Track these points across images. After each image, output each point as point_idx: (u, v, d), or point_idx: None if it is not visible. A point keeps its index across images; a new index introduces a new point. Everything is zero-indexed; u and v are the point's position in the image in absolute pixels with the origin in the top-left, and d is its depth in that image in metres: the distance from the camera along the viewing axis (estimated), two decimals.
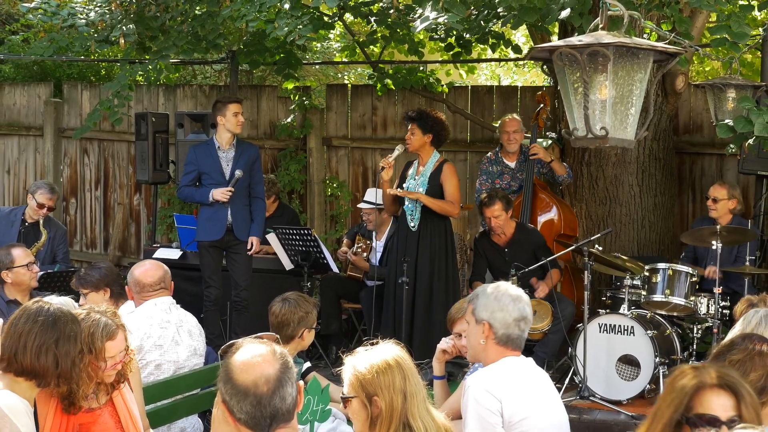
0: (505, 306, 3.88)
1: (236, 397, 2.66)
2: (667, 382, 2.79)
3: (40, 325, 3.44)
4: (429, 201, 7.09)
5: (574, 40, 3.87)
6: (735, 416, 2.64)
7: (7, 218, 7.87)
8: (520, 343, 3.92)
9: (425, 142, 7.19)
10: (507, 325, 3.86)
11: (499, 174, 7.99)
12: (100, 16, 7.94)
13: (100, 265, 5.67)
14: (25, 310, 3.50)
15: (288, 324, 4.87)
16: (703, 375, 2.70)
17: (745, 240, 6.85)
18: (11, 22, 12.88)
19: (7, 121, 11.58)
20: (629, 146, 4.16)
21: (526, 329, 3.92)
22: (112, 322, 3.82)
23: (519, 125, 7.93)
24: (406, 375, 3.17)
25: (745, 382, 2.74)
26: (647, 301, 6.89)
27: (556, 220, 7.82)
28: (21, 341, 3.40)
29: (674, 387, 2.71)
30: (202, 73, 13.15)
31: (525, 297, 3.97)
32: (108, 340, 3.76)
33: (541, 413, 3.83)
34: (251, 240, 7.39)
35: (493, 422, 3.73)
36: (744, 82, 6.48)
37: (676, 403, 2.67)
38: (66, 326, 3.49)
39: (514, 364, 3.89)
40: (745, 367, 3.07)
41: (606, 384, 6.61)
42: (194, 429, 5.21)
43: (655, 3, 6.17)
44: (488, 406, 3.72)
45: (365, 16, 8.51)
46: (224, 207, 7.34)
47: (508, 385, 3.79)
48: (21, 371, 3.41)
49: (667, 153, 8.28)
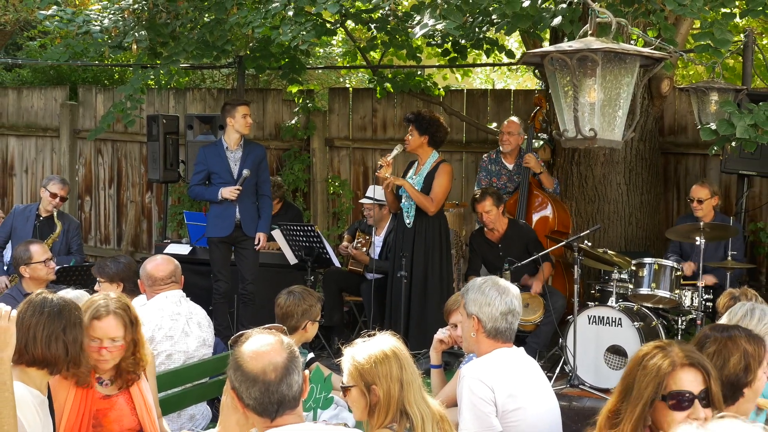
0: (491, 300, 3.88)
1: (245, 384, 2.67)
2: (635, 362, 2.84)
3: (47, 315, 3.45)
4: (410, 190, 7.11)
5: (564, 45, 3.88)
6: (704, 389, 2.76)
7: (23, 214, 7.91)
8: (510, 334, 3.92)
9: (422, 142, 7.20)
10: (494, 319, 3.87)
11: (497, 173, 8.02)
12: (114, 23, 7.93)
13: (120, 260, 5.70)
14: (30, 303, 3.51)
15: (292, 315, 4.87)
16: (672, 355, 2.79)
17: (727, 236, 6.86)
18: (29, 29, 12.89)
19: (25, 123, 11.59)
20: (617, 147, 4.16)
21: (515, 321, 3.92)
22: (107, 305, 3.82)
23: (517, 128, 7.94)
24: (402, 364, 3.18)
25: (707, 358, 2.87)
26: (634, 294, 6.89)
27: (551, 217, 7.83)
28: (30, 333, 3.41)
29: (648, 368, 2.78)
30: (211, 77, 13.15)
31: (513, 290, 3.96)
32: (94, 319, 3.76)
33: (532, 402, 3.84)
34: (258, 236, 7.40)
35: (487, 411, 3.74)
36: (726, 85, 6.48)
37: (654, 384, 2.75)
38: (71, 314, 3.51)
39: (506, 355, 3.89)
40: (722, 355, 3.08)
41: (595, 373, 6.62)
42: (203, 416, 5.22)
43: (641, 11, 6.17)
44: (482, 396, 3.73)
45: (366, 23, 8.51)
46: (233, 205, 7.34)
47: (500, 375, 3.79)
48: (32, 361, 3.42)
49: (653, 153, 8.29)
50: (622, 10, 5.97)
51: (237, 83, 10.03)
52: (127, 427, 3.88)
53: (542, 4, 6.50)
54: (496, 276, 4.12)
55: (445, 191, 7.18)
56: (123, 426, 3.86)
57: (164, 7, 7.83)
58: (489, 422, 3.75)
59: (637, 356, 2.88)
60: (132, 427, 3.89)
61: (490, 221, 7.30)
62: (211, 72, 12.78)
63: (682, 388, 2.76)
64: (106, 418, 3.81)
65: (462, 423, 3.81)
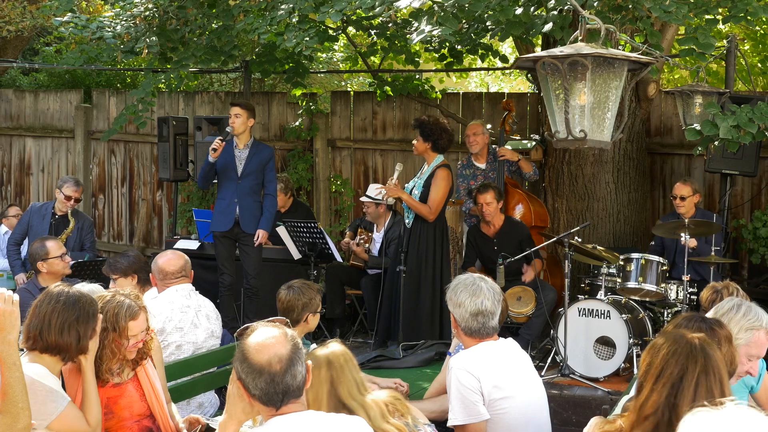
0: (462, 302, 3.86)
1: (251, 375, 2.66)
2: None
3: (62, 305, 3.49)
4: (408, 200, 7.14)
5: (555, 50, 3.87)
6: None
7: (39, 212, 7.90)
8: (487, 331, 3.88)
9: (426, 147, 7.24)
10: (465, 320, 3.86)
11: (473, 176, 8.00)
12: (126, 29, 7.92)
13: (129, 254, 5.68)
14: (48, 294, 3.56)
15: (293, 309, 4.86)
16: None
17: (710, 232, 6.85)
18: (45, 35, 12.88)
19: (42, 125, 11.58)
20: (606, 147, 4.15)
21: (487, 321, 3.86)
22: (135, 304, 3.84)
23: (480, 129, 7.97)
24: (334, 366, 3.31)
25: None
26: (622, 288, 6.90)
27: (526, 213, 7.83)
28: (45, 320, 3.45)
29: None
30: (219, 80, 13.14)
31: (487, 290, 3.89)
32: (131, 320, 3.78)
33: (519, 390, 3.82)
34: (258, 232, 7.37)
35: (474, 400, 3.74)
36: (710, 89, 6.48)
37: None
38: (85, 306, 3.54)
39: (491, 347, 3.88)
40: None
41: (585, 363, 6.62)
42: (211, 404, 5.22)
43: (629, 17, 6.16)
44: (468, 385, 3.72)
45: (366, 29, 8.52)
46: (234, 202, 7.35)
47: (486, 365, 3.78)
48: (46, 348, 3.46)
49: (640, 153, 8.28)
50: (611, 17, 5.97)
51: (243, 87, 10.02)
52: (137, 413, 3.88)
53: (534, 12, 6.49)
54: (475, 274, 4.07)
55: (441, 198, 7.16)
56: (133, 412, 3.86)
57: (174, 14, 7.83)
58: (476, 410, 3.75)
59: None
60: (142, 412, 3.89)
61: (489, 213, 7.31)
62: (219, 76, 12.77)
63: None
64: (116, 405, 3.82)
65: (451, 411, 3.82)
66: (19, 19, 10.45)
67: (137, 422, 3.88)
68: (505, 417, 3.77)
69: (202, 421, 4.21)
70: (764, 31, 9.89)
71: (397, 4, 6.28)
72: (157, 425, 3.93)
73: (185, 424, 4.12)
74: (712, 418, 1.91)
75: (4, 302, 3.06)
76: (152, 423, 3.92)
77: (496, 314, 3.90)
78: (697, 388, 2.54)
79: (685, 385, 2.56)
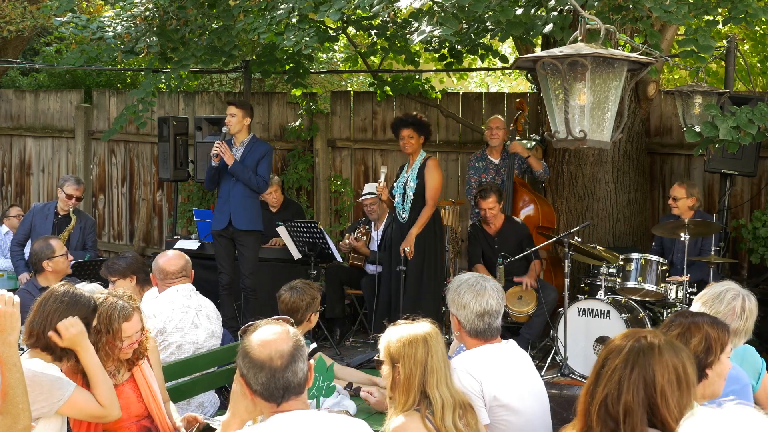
0: (466, 303, 3.76)
1: (253, 370, 2.69)
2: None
3: (66, 304, 3.52)
4: (416, 230, 7.11)
5: (555, 51, 3.88)
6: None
7: (42, 212, 7.93)
8: (492, 332, 3.79)
9: (421, 142, 7.29)
10: (471, 321, 3.76)
11: (485, 169, 8.03)
12: (126, 30, 7.93)
13: (126, 255, 5.67)
14: (53, 293, 3.59)
15: (298, 310, 4.88)
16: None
17: (710, 232, 6.86)
18: (46, 35, 12.89)
19: (42, 125, 11.58)
20: (605, 147, 4.16)
21: (493, 320, 3.77)
22: (128, 305, 3.85)
23: (502, 124, 8.02)
24: (430, 350, 3.21)
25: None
26: (622, 288, 6.90)
27: (534, 213, 7.85)
28: (48, 319, 3.48)
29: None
30: (219, 81, 13.14)
31: (491, 290, 3.80)
32: (124, 321, 3.79)
33: (521, 394, 3.74)
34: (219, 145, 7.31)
35: (476, 403, 3.70)
36: (709, 89, 6.48)
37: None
38: (85, 306, 3.58)
39: (494, 350, 3.79)
40: (685, 337, 3.17)
41: (584, 363, 6.62)
42: (211, 403, 5.22)
43: (628, 18, 6.16)
44: (470, 388, 3.62)
45: (366, 30, 8.51)
46: (229, 200, 7.39)
47: (487, 368, 3.70)
48: (47, 346, 3.49)
49: (639, 153, 8.29)
50: (611, 18, 5.97)
51: (243, 87, 10.03)
52: (135, 414, 3.89)
53: (534, 12, 6.50)
54: (476, 273, 4.01)
55: (438, 185, 7.22)
56: (131, 413, 3.87)
57: (174, 14, 7.83)
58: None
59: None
60: (139, 413, 3.91)
61: (491, 216, 7.35)
62: (219, 76, 12.76)
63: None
64: None
65: None
66: (20, 19, 10.45)
67: (135, 423, 3.89)
68: (506, 422, 3.68)
69: (200, 419, 4.23)
70: (764, 32, 9.89)
71: (397, 4, 6.30)
72: (155, 425, 3.94)
73: (183, 423, 4.14)
74: (713, 418, 1.92)
75: (4, 304, 3.07)
76: (150, 423, 3.94)
77: (501, 313, 3.84)
78: (635, 394, 2.58)
79: (623, 390, 2.64)
